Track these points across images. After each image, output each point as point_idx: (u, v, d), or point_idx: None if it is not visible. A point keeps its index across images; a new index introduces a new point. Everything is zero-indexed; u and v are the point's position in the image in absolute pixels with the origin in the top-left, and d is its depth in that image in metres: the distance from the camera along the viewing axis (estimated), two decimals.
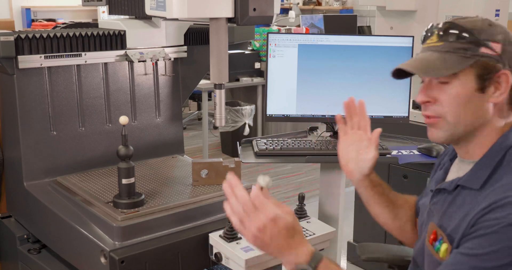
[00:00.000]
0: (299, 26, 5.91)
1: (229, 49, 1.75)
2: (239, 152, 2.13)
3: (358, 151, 1.53)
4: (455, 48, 1.24)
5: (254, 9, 1.58)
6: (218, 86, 1.73)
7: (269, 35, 2.21)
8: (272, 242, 1.18)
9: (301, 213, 1.73)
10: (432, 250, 1.27)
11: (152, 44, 1.99)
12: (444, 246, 1.23)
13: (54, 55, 1.82)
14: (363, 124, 1.58)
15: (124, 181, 1.62)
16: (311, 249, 1.21)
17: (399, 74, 1.34)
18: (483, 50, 1.22)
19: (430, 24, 1.33)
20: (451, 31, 1.25)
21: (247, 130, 5.26)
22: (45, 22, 7.50)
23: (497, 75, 1.22)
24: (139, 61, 1.94)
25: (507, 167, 1.21)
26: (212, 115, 4.39)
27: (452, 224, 1.23)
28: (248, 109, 5.28)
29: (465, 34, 1.23)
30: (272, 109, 2.25)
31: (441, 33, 1.27)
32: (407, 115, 2.26)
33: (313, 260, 1.19)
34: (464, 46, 1.23)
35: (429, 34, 1.31)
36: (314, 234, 1.64)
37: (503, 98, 1.23)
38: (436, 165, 1.51)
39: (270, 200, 1.19)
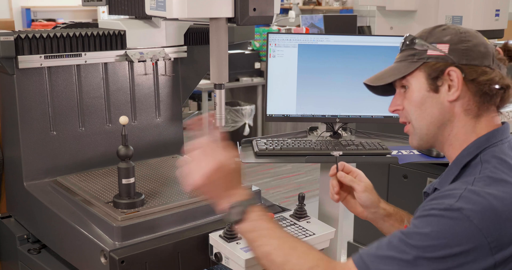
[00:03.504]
0: (299, 26, 5.91)
1: (229, 49, 1.74)
2: (239, 152, 2.13)
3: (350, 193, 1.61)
4: (406, 56, 1.33)
5: (254, 9, 1.58)
6: (218, 86, 1.73)
7: (269, 35, 2.21)
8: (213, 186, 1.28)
9: (301, 213, 1.74)
10: None
11: (152, 44, 1.99)
12: None
13: (54, 55, 1.82)
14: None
15: (124, 181, 1.62)
16: (249, 193, 1.31)
17: (377, 89, 1.43)
18: (430, 52, 1.29)
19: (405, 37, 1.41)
20: (404, 42, 1.36)
21: (247, 130, 5.26)
22: (45, 22, 7.50)
23: (446, 73, 1.26)
24: (139, 61, 1.94)
25: (474, 169, 1.23)
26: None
27: None
28: (248, 109, 5.28)
29: (414, 41, 1.32)
30: (272, 109, 2.25)
31: (400, 46, 1.38)
32: None
33: (248, 201, 1.27)
34: (412, 52, 1.32)
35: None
36: (314, 234, 1.64)
37: (458, 95, 1.26)
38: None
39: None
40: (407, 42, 1.35)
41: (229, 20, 1.64)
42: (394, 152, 2.15)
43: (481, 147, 1.25)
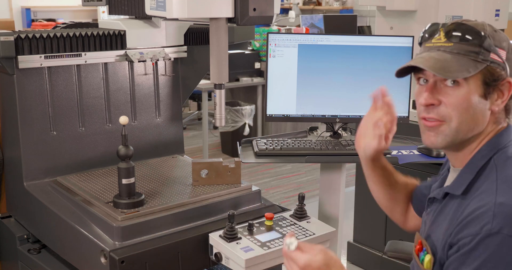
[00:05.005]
0: (299, 26, 5.90)
1: (229, 49, 1.75)
2: (239, 152, 2.13)
3: (373, 131, 1.45)
4: (466, 51, 1.20)
5: (254, 9, 1.58)
6: (218, 86, 1.73)
7: (269, 35, 2.21)
8: None
9: (301, 213, 1.73)
10: (418, 260, 1.27)
11: (152, 44, 1.99)
12: (427, 257, 1.23)
13: (54, 55, 1.82)
14: (391, 114, 1.48)
15: (124, 181, 1.62)
16: None
17: (401, 71, 1.31)
18: (492, 56, 1.20)
19: (432, 23, 1.30)
20: (461, 32, 1.22)
21: (247, 130, 5.26)
22: (45, 22, 7.50)
23: (501, 83, 1.21)
24: (139, 61, 1.94)
25: (490, 173, 1.20)
26: (212, 115, 4.39)
27: (438, 234, 1.23)
28: (248, 109, 5.28)
29: (476, 38, 1.20)
30: (272, 109, 2.25)
31: (450, 33, 1.23)
32: (407, 115, 2.26)
33: None
34: (475, 50, 1.20)
35: (434, 33, 1.27)
36: (314, 234, 1.64)
37: (503, 106, 1.23)
38: (439, 175, 1.50)
39: (299, 251, 1.18)
40: (475, 35, 1.20)
41: (229, 20, 1.64)
42: (394, 152, 2.15)
43: (493, 150, 1.23)
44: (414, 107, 2.94)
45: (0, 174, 2.06)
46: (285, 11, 7.93)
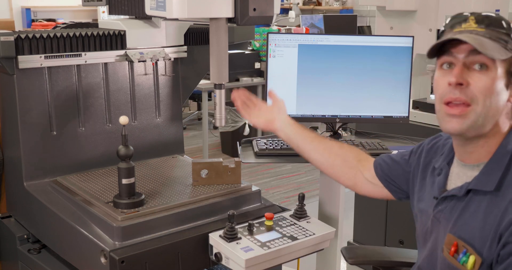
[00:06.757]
0: (299, 26, 5.90)
1: (229, 49, 1.75)
2: (239, 152, 2.13)
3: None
4: (498, 37, 1.21)
5: (254, 9, 1.58)
6: (218, 86, 1.73)
7: (269, 35, 2.21)
8: None
9: (301, 213, 1.73)
10: (455, 263, 1.24)
11: (152, 44, 1.99)
12: (472, 259, 1.20)
13: (54, 55, 1.82)
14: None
15: (124, 181, 1.62)
16: None
17: (431, 52, 1.27)
18: None
19: (459, 13, 1.30)
20: (492, 20, 1.23)
21: (247, 130, 5.25)
22: (45, 22, 7.49)
23: None
24: (139, 61, 1.94)
25: None
26: (212, 115, 4.39)
27: (471, 233, 1.21)
28: None
29: (506, 27, 1.22)
30: None
31: (482, 20, 1.24)
32: (407, 115, 2.26)
33: None
34: (505, 38, 1.22)
35: (462, 20, 1.27)
36: (314, 234, 1.64)
37: None
38: (421, 164, 1.49)
39: None
40: (503, 25, 1.23)
41: (229, 20, 1.64)
42: (394, 152, 2.15)
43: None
44: (414, 107, 2.95)
45: (0, 174, 2.06)
46: (285, 11, 7.93)
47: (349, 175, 1.67)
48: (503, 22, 1.24)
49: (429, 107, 2.85)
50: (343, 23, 5.85)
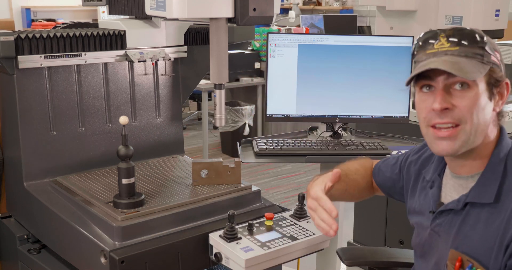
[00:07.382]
0: (299, 26, 5.90)
1: (229, 49, 1.75)
2: (239, 152, 2.13)
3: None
4: (473, 53, 1.21)
5: (254, 9, 1.58)
6: (218, 86, 1.73)
7: (269, 35, 2.21)
8: None
9: (301, 213, 1.73)
10: None
11: (152, 44, 1.99)
12: None
13: (54, 55, 1.82)
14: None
15: (124, 181, 1.62)
16: None
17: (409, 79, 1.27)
18: (493, 58, 1.22)
19: (426, 32, 1.28)
20: (464, 36, 1.21)
21: (247, 130, 5.25)
22: (45, 22, 7.49)
23: (501, 84, 1.24)
24: (139, 61, 1.94)
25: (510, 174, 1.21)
26: (212, 115, 4.39)
27: (474, 246, 1.20)
28: (248, 109, 5.28)
29: (479, 41, 1.21)
30: (272, 109, 2.25)
31: (453, 37, 1.22)
32: (407, 115, 2.26)
33: None
34: (480, 52, 1.21)
35: (433, 40, 1.25)
36: (314, 234, 1.64)
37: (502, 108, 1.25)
38: (411, 174, 1.49)
39: None
40: (477, 38, 1.21)
41: (229, 20, 1.64)
42: (394, 152, 2.15)
43: (504, 151, 1.25)
44: (414, 107, 2.94)
45: (0, 174, 2.06)
46: (285, 11, 7.92)
47: (372, 189, 1.70)
48: (477, 35, 1.22)
49: None
50: (343, 23, 5.85)
